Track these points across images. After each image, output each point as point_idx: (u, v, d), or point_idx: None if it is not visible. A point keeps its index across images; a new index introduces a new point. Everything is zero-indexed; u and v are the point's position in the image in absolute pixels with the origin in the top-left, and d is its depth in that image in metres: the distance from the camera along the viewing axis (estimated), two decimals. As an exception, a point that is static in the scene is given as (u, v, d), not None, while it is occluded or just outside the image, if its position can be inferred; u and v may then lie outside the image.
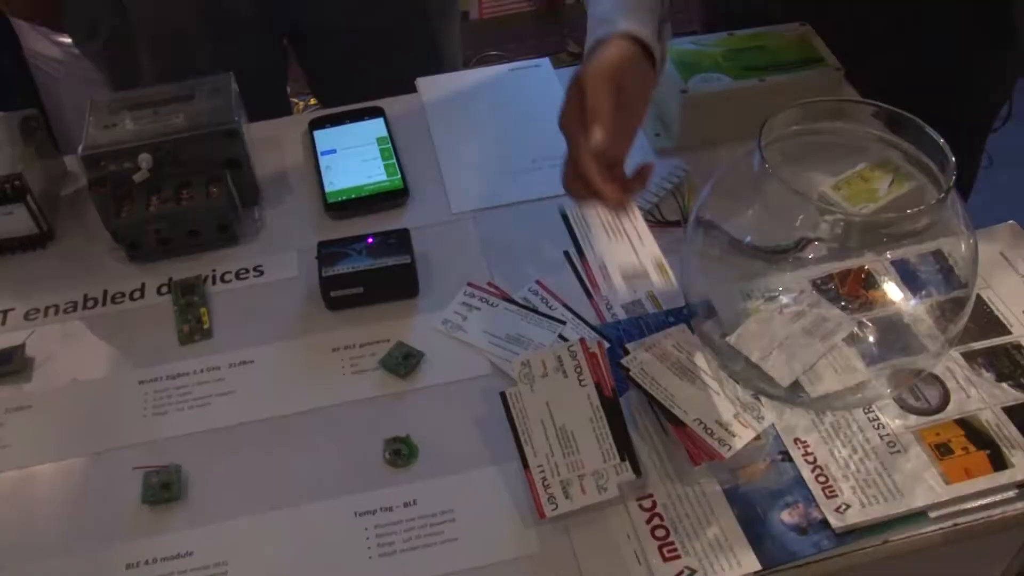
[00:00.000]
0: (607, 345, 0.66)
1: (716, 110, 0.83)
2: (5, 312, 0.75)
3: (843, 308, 0.65)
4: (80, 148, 0.76)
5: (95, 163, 0.76)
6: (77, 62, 1.66)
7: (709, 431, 0.60)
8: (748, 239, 0.64)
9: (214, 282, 0.76)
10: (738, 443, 0.59)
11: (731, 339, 0.64)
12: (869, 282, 0.66)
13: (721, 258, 0.65)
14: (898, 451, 0.61)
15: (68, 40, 1.66)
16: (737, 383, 0.63)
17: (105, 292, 0.76)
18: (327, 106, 0.96)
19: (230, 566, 0.58)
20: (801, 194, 0.56)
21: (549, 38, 2.46)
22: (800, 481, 0.60)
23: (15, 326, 0.74)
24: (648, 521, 0.59)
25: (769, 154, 0.58)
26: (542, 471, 0.59)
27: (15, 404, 0.68)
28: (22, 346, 0.71)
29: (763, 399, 0.63)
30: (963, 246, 0.60)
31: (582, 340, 0.64)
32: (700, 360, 0.64)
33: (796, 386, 0.63)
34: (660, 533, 0.58)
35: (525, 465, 0.60)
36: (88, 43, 1.02)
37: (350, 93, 0.92)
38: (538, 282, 0.74)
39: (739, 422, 0.60)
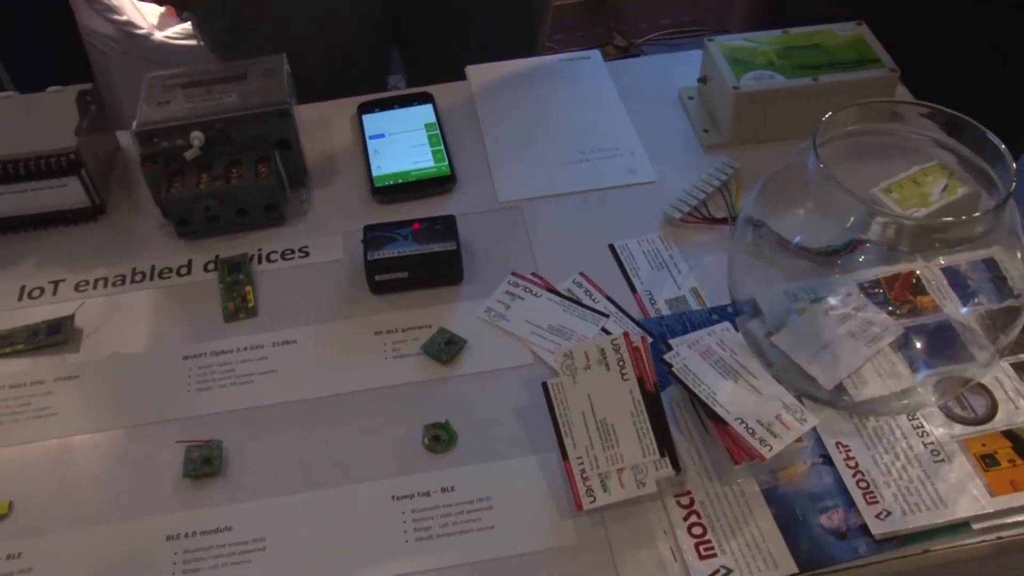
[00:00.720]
0: (650, 340, 0.65)
1: (768, 108, 0.82)
2: (56, 283, 0.76)
3: (891, 313, 0.64)
4: (134, 124, 0.77)
5: (148, 139, 0.77)
6: (130, 40, 1.68)
7: (751, 430, 0.59)
8: (797, 239, 0.64)
9: (260, 261, 0.76)
10: (779, 444, 0.59)
11: (776, 339, 0.64)
12: (918, 288, 0.65)
13: (769, 258, 0.65)
14: (942, 460, 0.60)
15: (122, 18, 1.69)
16: (780, 384, 0.63)
17: (153, 267, 0.77)
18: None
19: (268, 542, 0.59)
20: (854, 195, 0.56)
21: (596, 30, 2.45)
22: (841, 485, 0.59)
23: (65, 297, 0.75)
24: (685, 518, 0.59)
25: (823, 154, 0.57)
26: (581, 463, 0.59)
27: (63, 374, 0.69)
28: (71, 317, 0.72)
29: (806, 401, 0.62)
30: (1019, 255, 0.59)
31: (626, 334, 0.63)
32: (744, 359, 0.64)
33: (840, 389, 0.62)
34: (697, 531, 0.58)
35: (564, 457, 0.60)
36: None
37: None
38: (582, 274, 0.73)
39: (781, 423, 0.60)
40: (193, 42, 1.68)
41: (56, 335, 0.71)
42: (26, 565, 0.58)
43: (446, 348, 0.68)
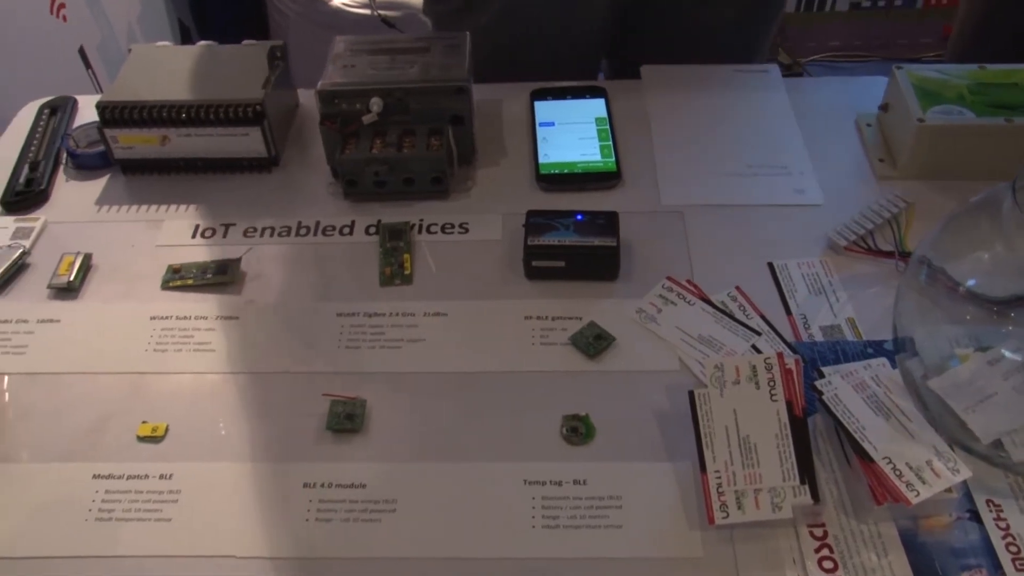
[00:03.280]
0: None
1: (952, 145, 0.79)
2: (227, 226, 0.79)
3: (1065, 375, 0.61)
4: (319, 83, 0.79)
5: (330, 99, 0.79)
6: (310, 3, 1.74)
7: (898, 472, 0.58)
8: (971, 283, 0.61)
9: (420, 231, 0.78)
10: (927, 491, 0.57)
11: (934, 383, 0.61)
12: (1098, 352, 0.62)
13: (938, 298, 0.63)
14: (1101, 535, 0.57)
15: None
16: (934, 429, 0.61)
17: (318, 223, 0.80)
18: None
19: (399, 505, 0.60)
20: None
21: (761, 44, 2.40)
22: (987, 545, 0.57)
23: (234, 240, 0.78)
24: (817, 550, 0.57)
25: (1021, 200, 0.55)
26: (718, 477, 0.59)
27: (225, 313, 0.72)
28: (238, 260, 0.76)
29: (959, 451, 0.60)
30: None
31: (780, 354, 0.62)
32: (898, 398, 0.62)
33: (997, 445, 0.59)
34: (828, 565, 0.57)
35: (702, 468, 0.59)
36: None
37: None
38: (737, 288, 0.72)
39: (932, 470, 0.58)
40: (366, 11, 1.73)
41: (222, 275, 0.75)
42: (175, 487, 0.61)
43: (594, 342, 0.68)
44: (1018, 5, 0.99)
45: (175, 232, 0.79)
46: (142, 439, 0.64)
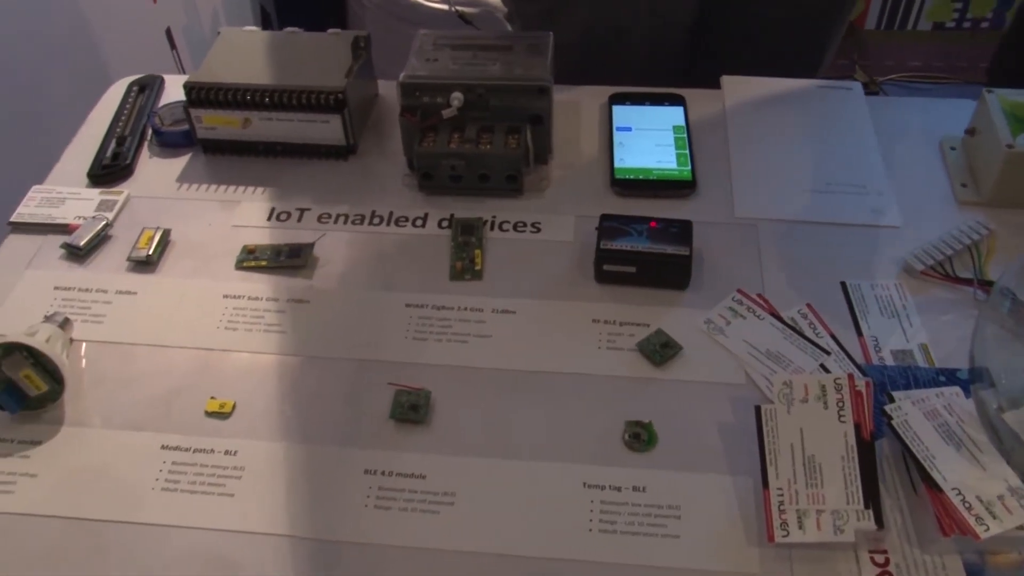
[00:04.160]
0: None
1: (1042, 174, 0.77)
2: (302, 211, 0.81)
3: None
4: (401, 75, 0.80)
5: (411, 91, 0.80)
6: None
7: (967, 504, 0.56)
8: (1056, 317, 0.60)
9: (492, 228, 0.78)
10: (998, 527, 0.55)
11: (1009, 416, 0.60)
12: None
13: (1020, 331, 0.61)
14: None
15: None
16: (1008, 463, 0.59)
17: (391, 213, 0.80)
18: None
19: (457, 498, 0.61)
20: None
21: (837, 60, 2.37)
22: (1056, 585, 0.56)
23: (308, 225, 0.79)
24: (877, 577, 0.57)
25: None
26: (781, 495, 0.58)
27: (296, 296, 0.73)
28: (311, 245, 0.77)
29: (1032, 488, 0.59)
30: None
31: (851, 376, 0.61)
32: (972, 429, 0.61)
33: (1072, 484, 0.58)
34: (888, 592, 0.56)
35: (765, 484, 0.58)
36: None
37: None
38: (808, 306, 0.72)
39: (1003, 505, 0.56)
40: (444, 6, 1.73)
41: (295, 259, 0.76)
42: (240, 463, 0.63)
43: (661, 350, 0.68)
44: None
45: (251, 213, 0.81)
46: (210, 414, 0.66)
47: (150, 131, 0.88)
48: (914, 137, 0.88)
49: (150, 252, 0.76)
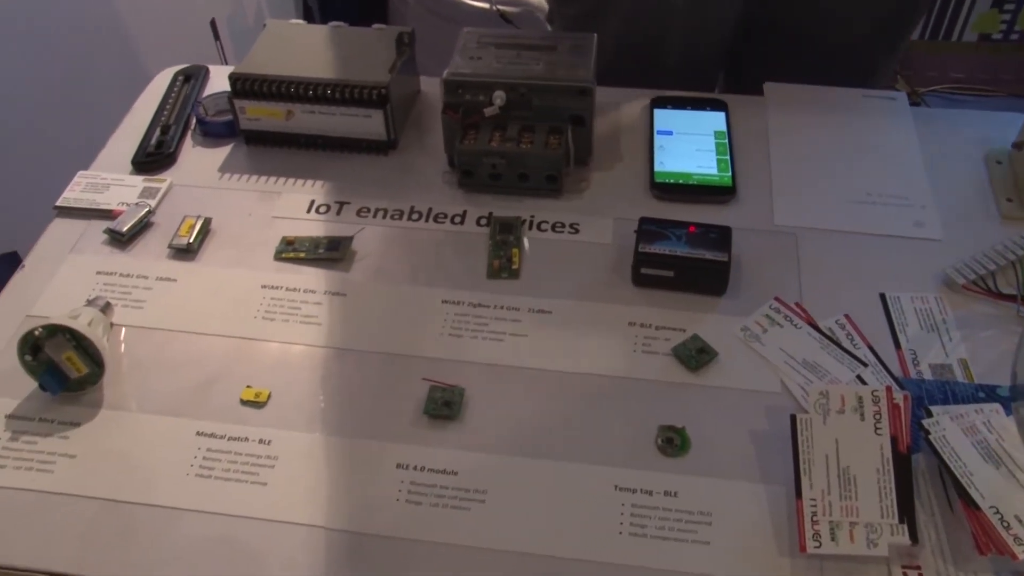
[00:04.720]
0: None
1: (1089, 191, 0.76)
2: (341, 204, 0.81)
3: None
4: (444, 72, 0.80)
5: (454, 88, 0.80)
6: (432, -8, 1.76)
7: (1005, 523, 0.56)
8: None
9: (531, 227, 0.78)
10: (1035, 546, 0.55)
11: (1048, 435, 0.59)
12: None
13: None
14: None
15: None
16: (1047, 483, 0.59)
17: (430, 209, 0.81)
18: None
19: (488, 496, 0.61)
20: None
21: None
22: (1092, 608, 0.55)
23: (347, 219, 0.80)
24: (910, 592, 0.56)
25: None
26: (814, 505, 0.58)
27: (333, 288, 0.74)
28: (350, 239, 0.77)
29: (1070, 508, 0.58)
30: None
31: (888, 388, 0.61)
32: (1011, 447, 0.60)
33: (1112, 507, 0.57)
34: (920, 608, 0.55)
35: (798, 494, 0.58)
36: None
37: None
38: (846, 316, 0.71)
39: (1041, 524, 0.56)
40: (485, 5, 1.74)
41: (334, 252, 0.76)
42: (273, 453, 0.63)
43: (696, 356, 0.67)
44: None
45: (291, 205, 0.81)
46: (245, 403, 0.66)
47: (194, 120, 0.89)
48: (959, 149, 0.87)
49: (191, 240, 0.76)
